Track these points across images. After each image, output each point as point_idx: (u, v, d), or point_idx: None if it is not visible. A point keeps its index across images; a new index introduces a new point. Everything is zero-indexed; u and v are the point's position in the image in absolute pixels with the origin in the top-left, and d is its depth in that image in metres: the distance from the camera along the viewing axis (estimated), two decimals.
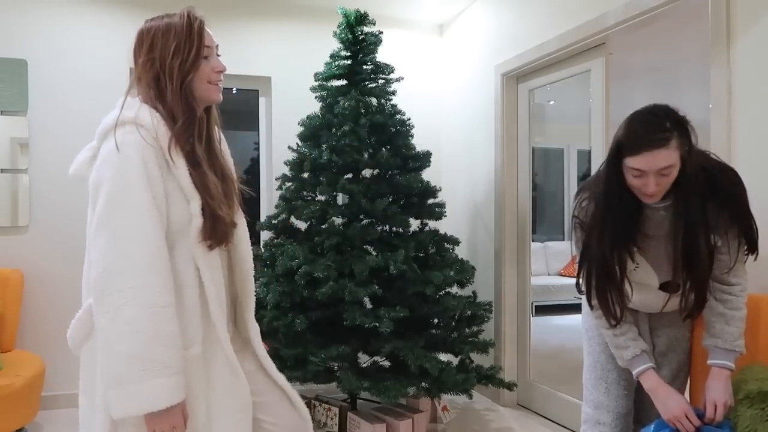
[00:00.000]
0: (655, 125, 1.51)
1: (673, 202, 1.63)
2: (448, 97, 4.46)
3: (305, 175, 3.30)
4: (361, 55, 3.38)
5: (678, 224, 1.62)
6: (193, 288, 1.36)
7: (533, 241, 3.72)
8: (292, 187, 3.32)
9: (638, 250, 1.70)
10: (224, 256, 1.51)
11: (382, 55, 4.32)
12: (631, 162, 1.53)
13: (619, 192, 1.61)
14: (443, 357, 3.81)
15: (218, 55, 1.48)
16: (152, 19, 1.43)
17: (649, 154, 1.49)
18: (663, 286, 1.76)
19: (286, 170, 3.74)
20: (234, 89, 4.35)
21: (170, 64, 1.37)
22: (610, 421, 1.86)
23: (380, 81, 3.42)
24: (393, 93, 3.38)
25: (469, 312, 3.26)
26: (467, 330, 3.27)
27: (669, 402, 1.64)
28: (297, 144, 3.39)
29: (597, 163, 3.04)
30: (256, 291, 2.94)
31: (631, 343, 1.73)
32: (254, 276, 1.60)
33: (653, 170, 1.51)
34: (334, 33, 3.39)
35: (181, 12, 1.41)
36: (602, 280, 1.69)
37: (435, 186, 3.35)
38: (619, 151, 1.56)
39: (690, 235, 1.61)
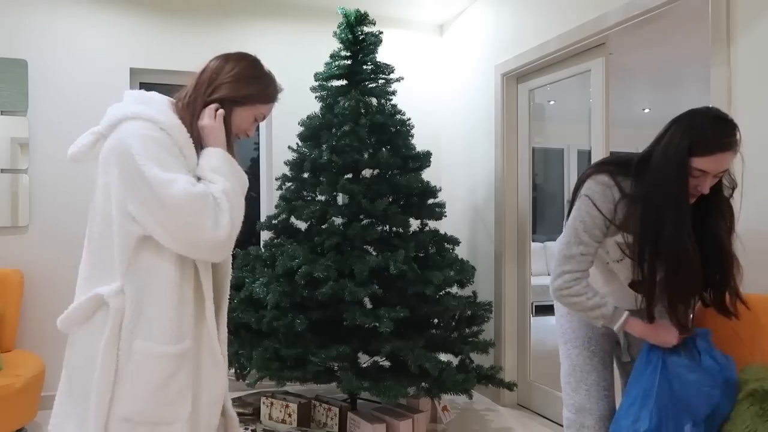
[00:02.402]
0: (727, 128, 1.54)
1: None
2: (448, 97, 4.46)
3: (305, 175, 3.30)
4: (361, 55, 3.38)
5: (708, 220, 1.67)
6: (189, 283, 1.37)
7: (533, 241, 3.72)
8: (292, 187, 3.32)
9: None
10: None
11: (382, 55, 4.32)
12: (699, 163, 1.54)
13: (685, 192, 1.58)
14: (443, 357, 3.81)
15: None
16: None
17: (720, 156, 1.53)
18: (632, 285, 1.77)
19: (286, 170, 3.74)
20: None
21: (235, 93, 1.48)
22: (594, 423, 1.84)
23: (380, 81, 3.42)
24: (393, 93, 3.38)
25: (469, 312, 3.26)
26: (467, 330, 3.27)
27: (663, 335, 1.65)
28: (297, 144, 3.39)
29: None
30: (256, 291, 2.95)
31: (606, 299, 1.69)
32: (254, 276, 1.59)
33: (715, 172, 1.55)
34: (334, 33, 3.39)
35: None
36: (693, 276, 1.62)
37: (435, 186, 3.35)
38: (689, 152, 1.55)
39: (715, 232, 1.66)
